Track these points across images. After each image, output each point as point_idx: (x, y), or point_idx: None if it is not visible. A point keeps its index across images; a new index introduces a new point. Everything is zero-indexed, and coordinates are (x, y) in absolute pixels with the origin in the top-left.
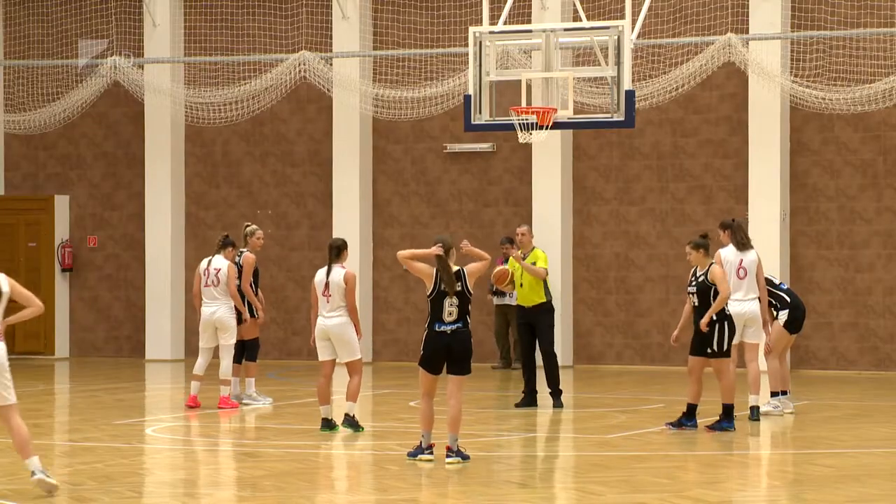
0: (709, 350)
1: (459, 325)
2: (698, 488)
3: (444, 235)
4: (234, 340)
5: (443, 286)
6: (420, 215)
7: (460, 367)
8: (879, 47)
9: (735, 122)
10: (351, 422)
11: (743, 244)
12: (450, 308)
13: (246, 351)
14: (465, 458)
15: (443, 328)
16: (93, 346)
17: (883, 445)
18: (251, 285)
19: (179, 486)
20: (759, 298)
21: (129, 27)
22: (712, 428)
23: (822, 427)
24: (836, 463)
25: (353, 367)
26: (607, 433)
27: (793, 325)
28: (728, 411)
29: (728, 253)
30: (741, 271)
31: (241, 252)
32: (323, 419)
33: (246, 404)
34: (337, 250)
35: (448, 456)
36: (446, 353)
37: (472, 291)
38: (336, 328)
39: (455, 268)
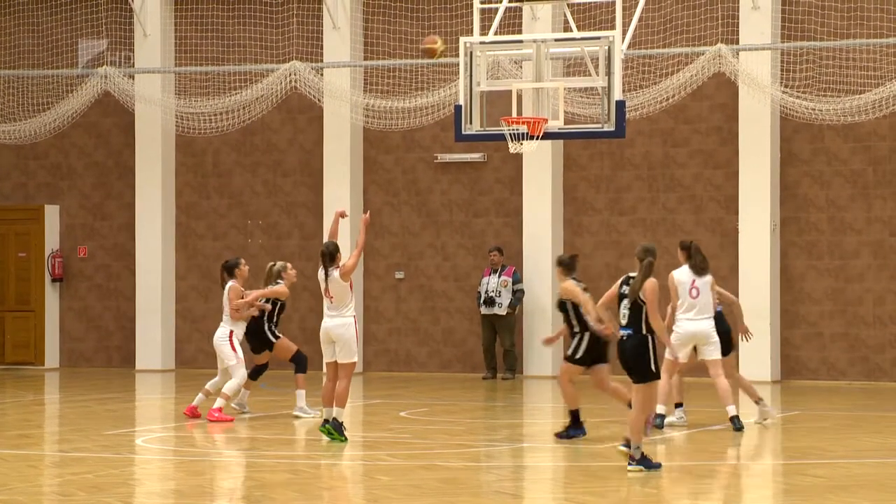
0: (576, 358)
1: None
2: (688, 499)
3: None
4: (232, 362)
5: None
6: (411, 225)
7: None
8: (869, 58)
9: (725, 132)
10: (336, 426)
11: (700, 269)
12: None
13: (295, 365)
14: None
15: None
16: (83, 356)
17: (873, 456)
18: (274, 314)
19: (170, 496)
20: (713, 317)
21: (119, 37)
22: (562, 437)
23: (812, 437)
24: (826, 473)
25: (345, 370)
26: (598, 443)
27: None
28: (575, 417)
29: (682, 274)
30: (693, 291)
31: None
32: (324, 420)
33: (297, 416)
34: (330, 256)
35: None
36: None
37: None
38: (337, 329)
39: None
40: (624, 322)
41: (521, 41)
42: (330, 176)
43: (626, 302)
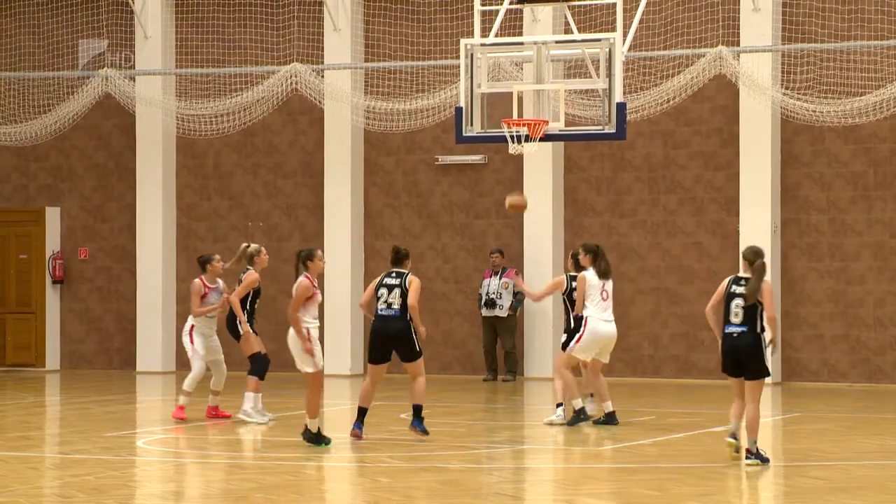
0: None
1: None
2: (689, 500)
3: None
4: (189, 354)
5: None
6: (411, 227)
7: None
8: (870, 60)
9: (726, 134)
10: (309, 437)
11: (604, 273)
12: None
13: (250, 365)
14: None
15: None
16: (83, 358)
17: (873, 458)
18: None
19: (170, 498)
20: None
21: (120, 39)
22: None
23: (813, 439)
24: (827, 475)
25: (306, 381)
26: (598, 445)
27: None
28: (418, 411)
29: (592, 276)
30: (604, 293)
31: (248, 269)
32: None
33: (241, 419)
34: (303, 261)
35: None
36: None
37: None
38: (291, 340)
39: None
40: (738, 320)
41: (521, 43)
42: (331, 178)
43: (739, 301)
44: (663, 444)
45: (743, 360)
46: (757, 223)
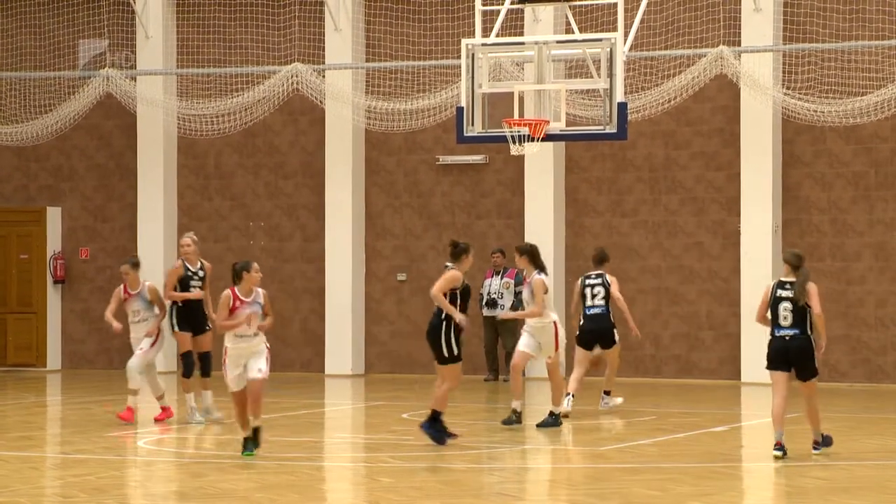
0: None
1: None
2: (691, 500)
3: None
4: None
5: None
6: (412, 227)
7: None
8: (871, 60)
9: (727, 134)
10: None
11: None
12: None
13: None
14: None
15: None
16: (84, 358)
17: (874, 458)
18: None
19: (170, 498)
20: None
21: (121, 39)
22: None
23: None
24: (828, 475)
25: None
26: (600, 445)
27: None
28: (436, 417)
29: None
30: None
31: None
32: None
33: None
34: (236, 275)
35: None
36: None
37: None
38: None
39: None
40: (787, 323)
41: (522, 43)
42: (331, 178)
43: (787, 304)
44: (664, 444)
45: (793, 360)
46: (758, 223)
